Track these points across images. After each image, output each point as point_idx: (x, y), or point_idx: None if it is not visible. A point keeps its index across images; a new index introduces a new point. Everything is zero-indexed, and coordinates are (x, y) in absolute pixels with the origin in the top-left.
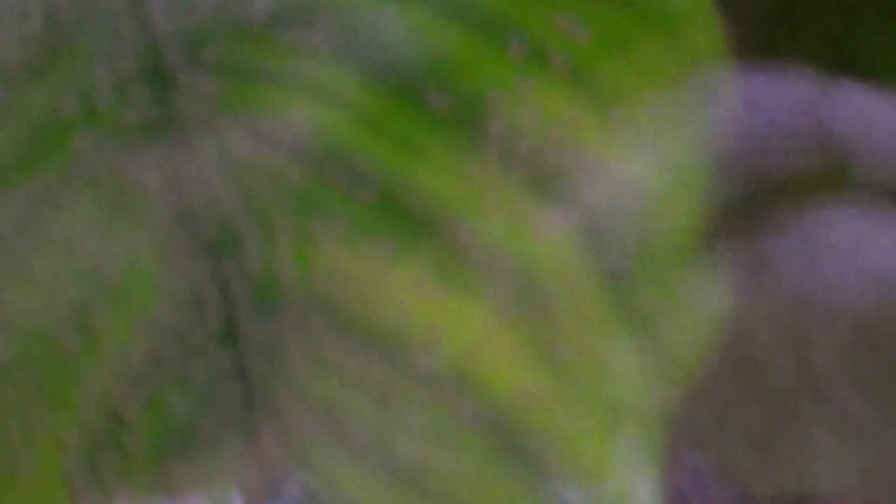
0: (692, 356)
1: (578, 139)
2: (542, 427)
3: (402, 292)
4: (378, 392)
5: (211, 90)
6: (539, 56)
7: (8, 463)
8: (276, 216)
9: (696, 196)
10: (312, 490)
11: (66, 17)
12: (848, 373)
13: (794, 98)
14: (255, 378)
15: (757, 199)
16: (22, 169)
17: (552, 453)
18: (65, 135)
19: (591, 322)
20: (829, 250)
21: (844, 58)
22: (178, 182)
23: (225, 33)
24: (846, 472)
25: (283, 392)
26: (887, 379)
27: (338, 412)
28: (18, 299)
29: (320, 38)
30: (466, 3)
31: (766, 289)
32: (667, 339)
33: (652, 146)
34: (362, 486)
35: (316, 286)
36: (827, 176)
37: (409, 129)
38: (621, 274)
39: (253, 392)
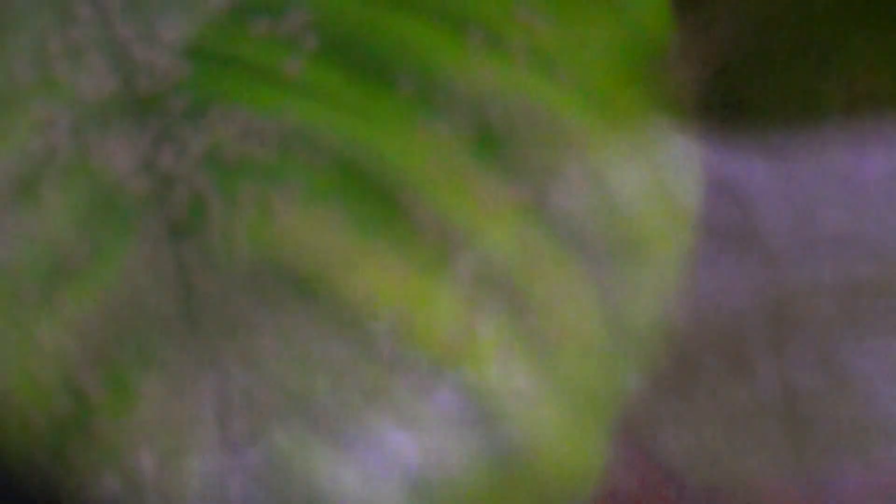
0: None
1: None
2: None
3: (366, 267)
4: (344, 377)
5: (178, 74)
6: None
7: None
8: (240, 190)
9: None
10: (273, 463)
11: None
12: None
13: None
14: (213, 349)
15: None
16: None
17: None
18: (23, 105)
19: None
20: None
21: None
22: (152, 166)
23: (183, 13)
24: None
25: (246, 369)
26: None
27: (302, 392)
28: None
29: (289, 28)
30: None
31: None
32: (632, 313)
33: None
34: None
35: (274, 254)
36: None
37: (371, 103)
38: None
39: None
